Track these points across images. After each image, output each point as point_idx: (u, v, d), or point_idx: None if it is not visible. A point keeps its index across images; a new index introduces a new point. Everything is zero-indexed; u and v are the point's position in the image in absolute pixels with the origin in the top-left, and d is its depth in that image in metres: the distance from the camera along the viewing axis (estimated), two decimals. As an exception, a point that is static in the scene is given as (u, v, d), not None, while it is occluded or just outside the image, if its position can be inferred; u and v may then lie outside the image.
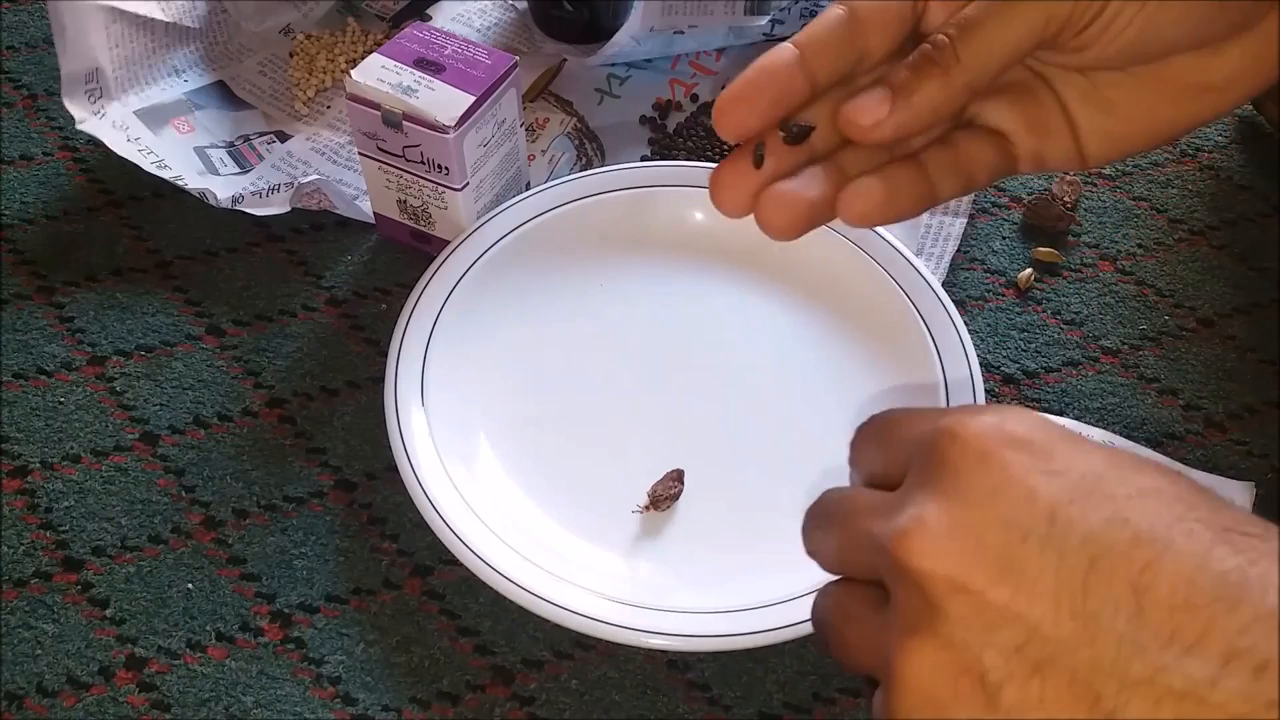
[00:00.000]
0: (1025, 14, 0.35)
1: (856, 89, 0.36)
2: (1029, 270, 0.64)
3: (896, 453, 0.30)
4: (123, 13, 0.65)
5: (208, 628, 0.51)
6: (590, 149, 0.70)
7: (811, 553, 0.33)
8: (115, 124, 0.65)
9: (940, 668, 0.26)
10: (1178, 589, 0.24)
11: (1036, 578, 0.26)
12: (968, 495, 0.27)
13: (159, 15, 0.66)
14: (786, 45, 0.36)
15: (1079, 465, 0.27)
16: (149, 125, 0.67)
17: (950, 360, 0.55)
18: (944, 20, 0.37)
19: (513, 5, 0.79)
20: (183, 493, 0.55)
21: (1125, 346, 0.62)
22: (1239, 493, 0.54)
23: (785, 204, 0.36)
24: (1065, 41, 0.37)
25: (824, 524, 0.33)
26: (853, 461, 0.33)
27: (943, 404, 0.55)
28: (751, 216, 0.38)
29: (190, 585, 0.52)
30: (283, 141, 0.69)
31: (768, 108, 0.35)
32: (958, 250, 0.64)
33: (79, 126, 0.64)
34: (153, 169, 0.64)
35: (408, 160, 0.59)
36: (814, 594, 0.48)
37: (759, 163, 0.35)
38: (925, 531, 0.27)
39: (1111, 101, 0.40)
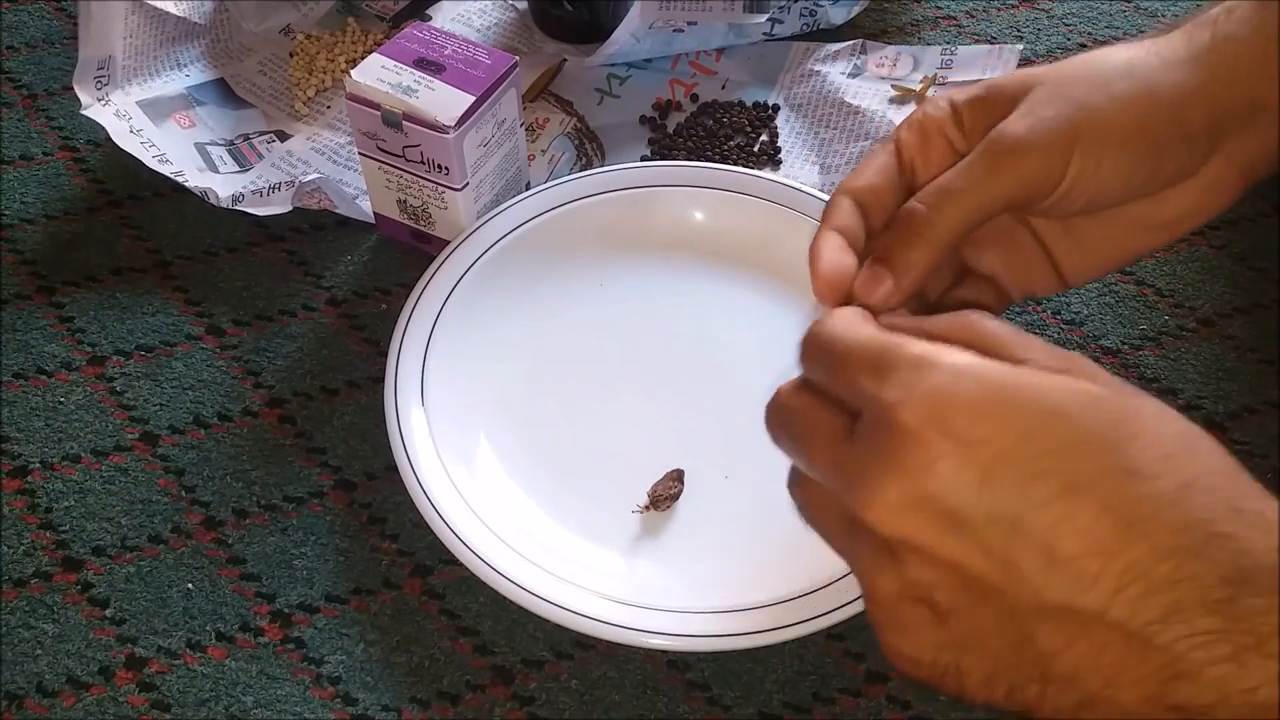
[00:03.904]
0: (996, 187, 0.41)
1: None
2: (1029, 270, 0.64)
3: (843, 387, 0.35)
4: (141, 4, 0.66)
5: (208, 628, 0.51)
6: (590, 149, 0.70)
7: (777, 444, 0.38)
8: (119, 113, 0.66)
9: (899, 595, 0.33)
10: (1081, 539, 0.30)
11: (972, 538, 0.31)
12: (912, 470, 0.32)
13: (172, 9, 0.67)
14: (832, 232, 0.42)
15: (1006, 428, 0.31)
16: (151, 117, 0.67)
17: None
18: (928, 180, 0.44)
19: (513, 5, 0.79)
20: (183, 493, 0.55)
21: (1125, 346, 0.62)
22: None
23: None
24: (1034, 207, 0.43)
25: (787, 437, 0.37)
26: (802, 366, 0.38)
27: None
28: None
29: (190, 585, 0.52)
30: (282, 141, 0.69)
31: (842, 272, 0.42)
32: (958, 250, 0.64)
33: (83, 112, 0.65)
34: (154, 164, 0.64)
35: (408, 160, 0.59)
36: (814, 593, 0.49)
37: None
38: (881, 504, 0.32)
39: (1082, 240, 0.46)
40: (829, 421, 0.35)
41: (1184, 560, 0.29)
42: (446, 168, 0.59)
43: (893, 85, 0.72)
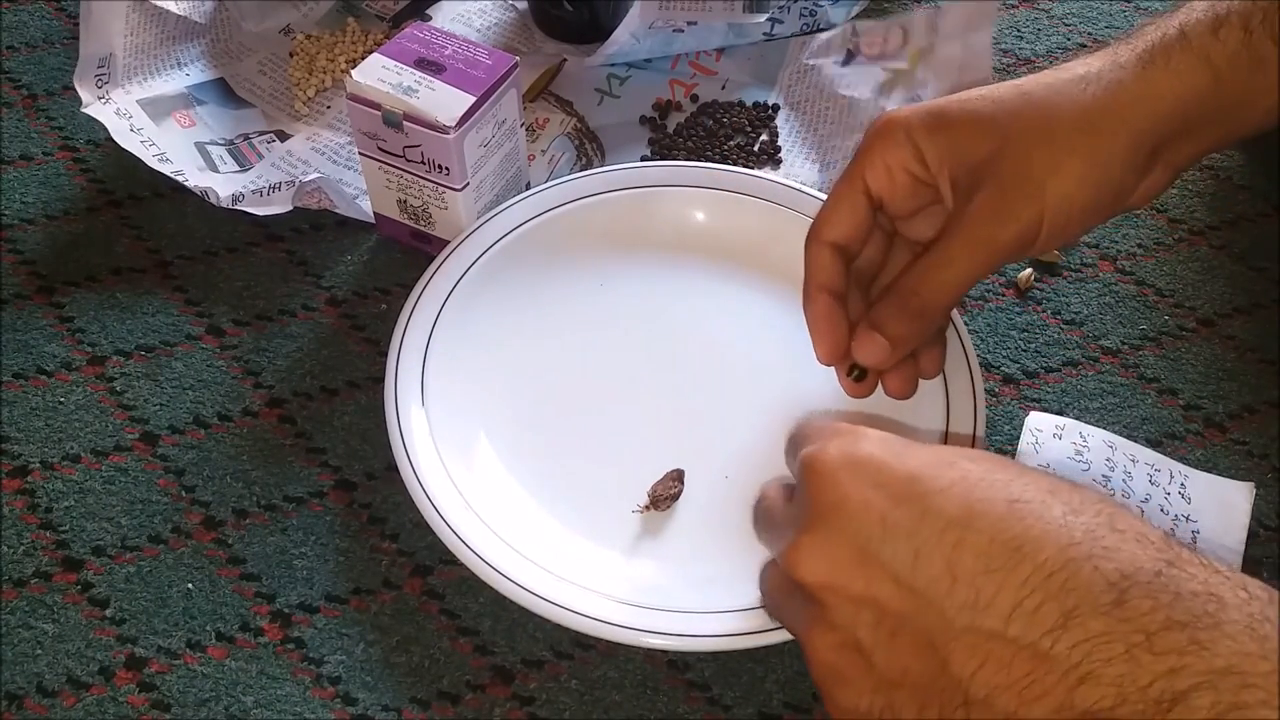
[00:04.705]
0: (979, 265, 0.47)
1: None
2: (1029, 270, 0.64)
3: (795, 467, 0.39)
4: (142, 2, 0.66)
5: (208, 628, 0.51)
6: (590, 149, 0.70)
7: (756, 532, 0.42)
8: (119, 111, 0.66)
9: (831, 646, 0.36)
10: (978, 560, 0.33)
11: (880, 569, 0.34)
12: (821, 515, 0.36)
13: (173, 8, 0.67)
14: (823, 295, 0.49)
15: (902, 471, 0.35)
16: (151, 116, 0.67)
17: (951, 360, 0.55)
18: (910, 208, 0.50)
19: (513, 5, 0.79)
20: (183, 493, 0.55)
21: (1125, 346, 0.62)
22: (1239, 493, 0.54)
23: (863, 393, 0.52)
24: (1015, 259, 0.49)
25: (760, 525, 0.42)
26: (787, 464, 0.42)
27: (943, 408, 0.55)
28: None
29: (190, 585, 0.52)
30: (282, 141, 0.69)
31: (841, 337, 0.50)
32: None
33: (84, 109, 0.65)
34: (154, 162, 0.64)
35: (408, 160, 0.59)
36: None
37: (860, 377, 0.51)
38: (800, 551, 0.36)
39: None
40: (784, 505, 0.40)
41: (1074, 572, 0.32)
42: (447, 168, 0.59)
43: (882, 69, 0.72)
